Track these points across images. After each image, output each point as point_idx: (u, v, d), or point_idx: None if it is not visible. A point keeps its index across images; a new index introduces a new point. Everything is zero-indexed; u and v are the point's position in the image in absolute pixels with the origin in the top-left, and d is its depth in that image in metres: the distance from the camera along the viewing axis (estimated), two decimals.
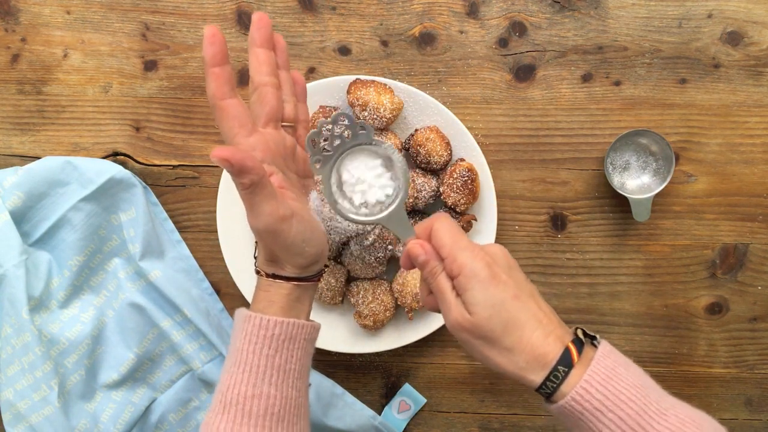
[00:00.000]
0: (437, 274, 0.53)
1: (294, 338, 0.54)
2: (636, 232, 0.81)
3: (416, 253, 0.53)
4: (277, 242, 0.52)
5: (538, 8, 0.80)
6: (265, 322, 0.53)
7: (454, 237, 0.52)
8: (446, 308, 0.52)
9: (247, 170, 0.47)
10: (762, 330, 0.82)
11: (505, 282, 0.51)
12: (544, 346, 0.50)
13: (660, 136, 0.76)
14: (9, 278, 0.73)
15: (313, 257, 0.54)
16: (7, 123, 0.81)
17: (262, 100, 0.54)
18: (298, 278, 0.55)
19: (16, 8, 0.80)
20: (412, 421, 0.83)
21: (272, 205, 0.49)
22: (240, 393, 0.51)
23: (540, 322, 0.51)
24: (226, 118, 0.51)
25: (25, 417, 0.75)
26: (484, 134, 0.80)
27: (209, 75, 0.50)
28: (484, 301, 0.50)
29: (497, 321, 0.50)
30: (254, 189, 0.48)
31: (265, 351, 0.52)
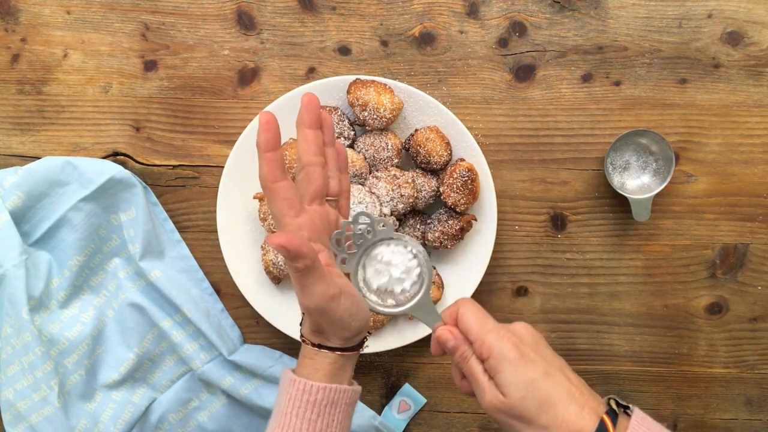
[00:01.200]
0: (468, 359, 0.54)
1: (336, 403, 0.55)
2: (636, 232, 0.81)
3: (445, 339, 0.55)
4: (325, 319, 0.53)
5: (538, 8, 0.80)
6: (309, 387, 0.54)
7: (480, 320, 0.54)
8: (480, 391, 0.53)
9: (302, 255, 0.48)
10: (762, 330, 0.82)
11: (534, 360, 0.52)
12: (579, 421, 0.51)
13: (660, 136, 0.76)
14: (9, 278, 0.73)
15: (358, 330, 0.56)
16: (7, 123, 0.81)
17: (309, 179, 0.56)
18: (343, 348, 0.57)
19: (16, 8, 0.80)
20: (412, 421, 0.83)
21: (323, 287, 0.51)
22: None
23: (573, 396, 0.52)
24: (277, 200, 0.53)
25: (25, 417, 0.75)
26: (484, 134, 0.80)
27: (263, 159, 0.52)
28: (516, 382, 0.51)
29: (531, 400, 0.51)
30: (307, 272, 0.50)
31: (307, 415, 0.54)
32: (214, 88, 0.81)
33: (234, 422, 0.81)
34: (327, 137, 0.58)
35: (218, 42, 0.80)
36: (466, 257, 0.79)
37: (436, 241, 0.76)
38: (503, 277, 0.82)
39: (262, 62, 0.80)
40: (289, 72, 0.80)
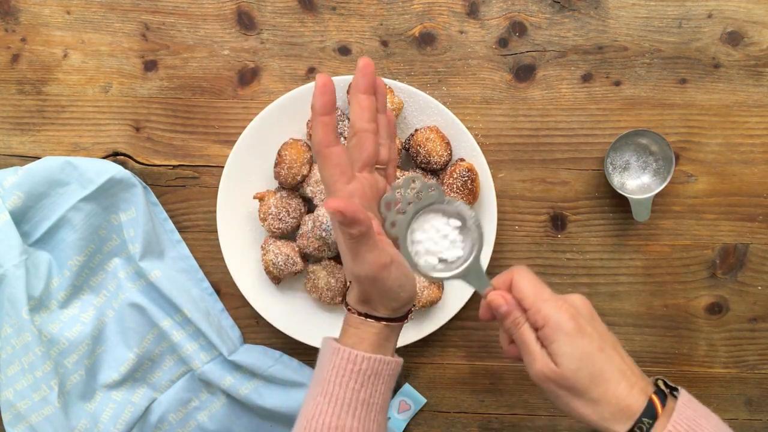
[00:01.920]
0: (520, 325, 0.54)
1: (379, 374, 0.55)
2: (636, 232, 0.81)
3: (498, 304, 0.55)
4: (376, 288, 0.53)
5: (538, 8, 0.80)
6: (354, 356, 0.54)
7: (537, 289, 0.54)
8: (531, 359, 0.53)
9: (358, 222, 0.48)
10: (762, 330, 0.82)
11: (590, 334, 0.52)
12: (629, 398, 0.51)
13: (660, 136, 0.76)
14: (9, 278, 0.73)
15: (406, 300, 0.56)
16: (7, 123, 0.81)
17: (361, 146, 0.55)
18: (389, 319, 0.56)
19: (16, 8, 0.80)
20: (412, 421, 0.83)
21: (375, 254, 0.51)
22: (324, 423, 0.53)
23: (624, 374, 0.52)
24: (330, 165, 0.53)
25: (25, 417, 0.75)
26: (484, 134, 0.80)
27: (317, 123, 0.52)
28: (571, 353, 0.51)
29: (584, 373, 0.51)
30: (361, 239, 0.50)
31: (351, 384, 0.54)
32: (214, 88, 0.81)
33: (234, 422, 0.81)
34: (380, 104, 0.57)
35: (218, 42, 0.80)
36: None
37: None
38: None
39: (262, 62, 0.80)
40: (289, 72, 0.80)
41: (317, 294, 0.77)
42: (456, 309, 0.78)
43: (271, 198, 0.76)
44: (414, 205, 0.55)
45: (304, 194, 0.78)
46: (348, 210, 0.47)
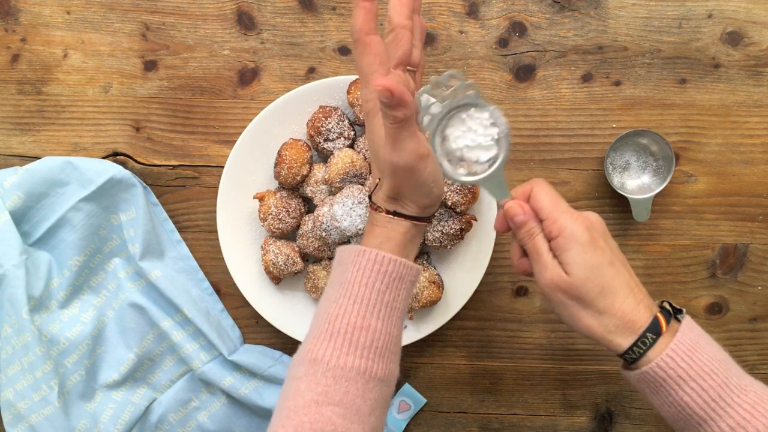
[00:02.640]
0: (535, 235, 0.55)
1: (403, 278, 0.55)
2: (636, 232, 0.81)
3: (515, 212, 0.55)
4: (411, 180, 0.53)
5: (538, 8, 0.80)
6: (381, 257, 0.53)
7: (554, 200, 0.55)
8: (542, 267, 0.54)
9: (403, 104, 0.47)
10: (762, 330, 0.82)
11: (603, 248, 0.54)
12: (635, 313, 0.53)
13: (660, 136, 0.76)
14: (9, 278, 0.73)
15: (436, 199, 0.56)
16: (7, 123, 0.81)
17: (398, 42, 0.54)
18: (417, 217, 0.56)
19: (16, 8, 0.80)
20: (412, 421, 0.83)
21: (415, 143, 0.50)
22: (349, 323, 0.52)
23: (632, 290, 0.54)
24: (369, 54, 0.51)
25: (25, 417, 0.75)
26: None
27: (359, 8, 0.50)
28: (582, 263, 0.52)
29: (594, 284, 0.52)
30: (403, 124, 0.49)
31: (377, 286, 0.53)
32: (214, 88, 0.81)
33: (234, 422, 0.81)
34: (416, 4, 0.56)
35: (218, 42, 0.80)
36: (466, 257, 0.79)
37: (436, 241, 0.76)
38: (503, 277, 0.82)
39: (262, 62, 0.80)
40: (289, 72, 0.80)
41: (317, 294, 0.77)
42: (456, 309, 0.78)
43: (271, 198, 0.76)
44: (449, 102, 0.54)
45: (304, 194, 0.78)
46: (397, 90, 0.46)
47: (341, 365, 0.51)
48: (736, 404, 0.50)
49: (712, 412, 0.50)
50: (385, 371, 0.53)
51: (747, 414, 0.50)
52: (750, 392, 0.51)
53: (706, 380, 0.50)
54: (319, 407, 0.50)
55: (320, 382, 0.50)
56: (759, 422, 0.49)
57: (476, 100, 0.54)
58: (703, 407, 0.50)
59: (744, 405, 0.50)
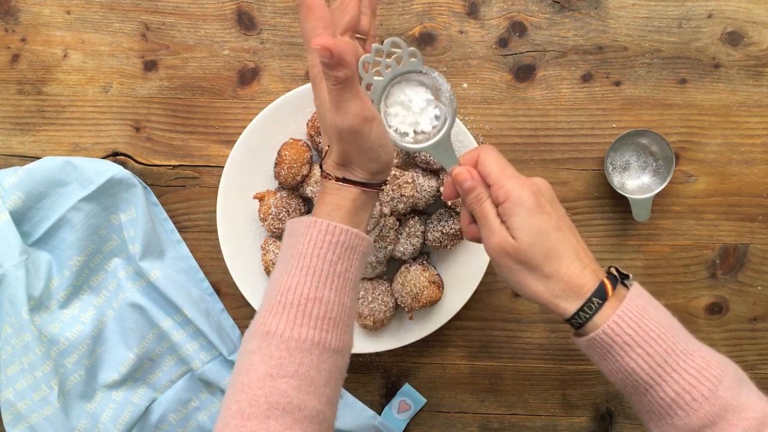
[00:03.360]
0: (482, 200, 0.55)
1: (355, 248, 0.54)
2: (636, 232, 0.81)
3: (463, 178, 0.55)
4: (357, 143, 0.52)
5: (538, 8, 0.80)
6: (332, 228, 0.53)
7: (501, 166, 0.55)
8: (489, 232, 0.54)
9: (344, 63, 0.47)
10: (762, 330, 0.82)
11: (549, 213, 0.53)
12: (581, 278, 0.52)
13: (660, 136, 0.76)
14: (9, 278, 0.73)
15: (385, 164, 0.55)
16: (7, 123, 0.81)
17: (345, 7, 0.54)
18: (367, 184, 0.56)
19: (16, 8, 0.80)
20: (412, 421, 0.83)
21: (359, 105, 0.50)
22: (302, 294, 0.52)
23: (578, 255, 0.53)
24: (312, 18, 0.52)
25: (25, 417, 0.75)
26: (484, 134, 0.80)
27: None
28: (528, 228, 0.52)
29: (539, 248, 0.52)
30: (345, 85, 0.48)
31: (329, 256, 0.53)
32: (214, 88, 0.81)
33: None
34: None
35: (218, 42, 0.80)
36: (466, 257, 0.78)
37: (436, 241, 0.76)
38: None
39: (262, 62, 0.80)
40: (289, 72, 0.80)
41: None
42: (456, 309, 0.78)
43: (271, 198, 0.76)
44: (392, 70, 0.54)
45: (304, 194, 0.78)
46: (336, 49, 0.46)
47: (295, 337, 0.51)
48: (682, 369, 0.50)
49: (658, 377, 0.50)
50: (339, 342, 0.53)
51: (692, 379, 0.49)
52: (697, 357, 0.50)
53: (652, 346, 0.50)
54: (274, 380, 0.49)
55: (274, 354, 0.50)
56: (704, 387, 0.49)
57: (420, 67, 0.54)
58: (649, 372, 0.50)
59: (690, 370, 0.50)
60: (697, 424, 0.49)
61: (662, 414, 0.51)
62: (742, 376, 0.52)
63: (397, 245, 0.76)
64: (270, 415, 0.48)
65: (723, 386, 0.49)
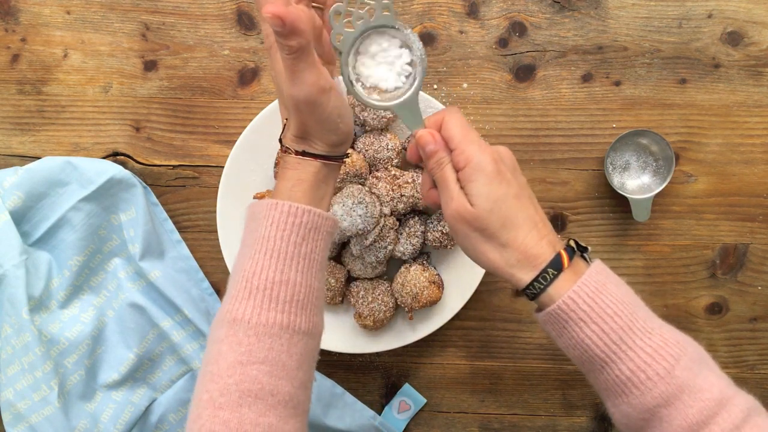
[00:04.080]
0: (444, 165, 0.54)
1: (319, 228, 0.53)
2: (636, 232, 0.81)
3: (426, 141, 0.54)
4: (314, 115, 0.51)
5: (538, 8, 0.80)
6: (294, 209, 0.52)
7: (465, 130, 0.53)
8: (448, 197, 0.53)
9: (297, 32, 0.46)
10: (762, 330, 0.82)
11: (509, 181, 0.52)
12: (537, 248, 0.52)
13: (660, 136, 0.76)
14: (9, 278, 0.73)
15: (345, 135, 0.55)
16: (7, 123, 0.81)
17: None
18: (327, 156, 0.55)
19: (16, 8, 0.80)
20: (412, 421, 0.83)
21: (315, 74, 0.49)
22: (267, 278, 0.51)
23: (536, 225, 0.52)
24: None
25: (25, 417, 0.75)
26: (484, 134, 0.80)
27: None
28: (487, 194, 0.51)
29: (497, 216, 0.51)
30: (300, 55, 0.48)
31: (293, 238, 0.52)
32: (214, 88, 0.81)
33: None
34: None
35: (218, 42, 0.80)
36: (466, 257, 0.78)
37: (436, 241, 0.76)
38: None
39: (262, 62, 0.80)
40: None
41: None
42: (456, 309, 0.78)
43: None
44: (364, 22, 0.53)
45: None
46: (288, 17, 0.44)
47: (263, 322, 0.50)
48: (638, 347, 0.49)
49: (613, 354, 0.50)
50: (309, 324, 0.52)
51: (648, 357, 0.49)
52: (655, 335, 0.50)
53: (608, 322, 0.49)
54: (244, 367, 0.49)
55: (242, 341, 0.49)
56: (659, 365, 0.48)
57: (392, 22, 0.53)
58: (604, 350, 0.50)
59: (646, 348, 0.49)
60: (651, 403, 0.49)
61: (618, 392, 0.50)
62: (702, 357, 0.51)
63: (397, 245, 0.76)
64: (242, 403, 0.48)
65: (680, 366, 0.48)
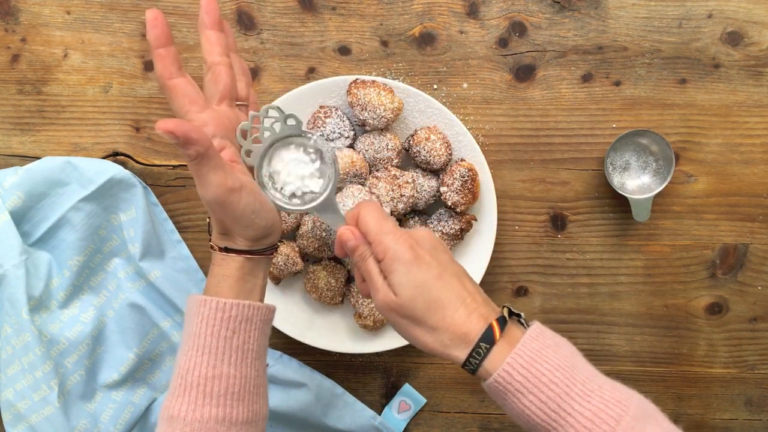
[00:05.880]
0: (366, 258, 0.55)
1: (250, 319, 0.55)
2: (636, 232, 0.81)
3: (346, 238, 0.56)
4: (227, 213, 0.53)
5: (538, 8, 0.80)
6: (222, 304, 0.53)
7: (379, 222, 0.55)
8: (374, 290, 0.54)
9: (192, 141, 0.48)
10: (762, 330, 0.82)
11: (429, 263, 0.53)
12: (467, 324, 0.52)
13: (660, 136, 0.76)
14: (9, 278, 0.73)
15: (264, 230, 0.55)
16: (7, 123, 0.81)
17: (216, 78, 0.56)
18: (250, 251, 0.56)
19: (16, 8, 0.80)
20: (412, 421, 0.83)
21: (220, 177, 0.50)
22: (200, 375, 0.52)
23: (464, 301, 0.53)
24: (177, 96, 0.53)
25: (25, 417, 0.75)
26: (484, 134, 0.81)
27: (155, 56, 0.52)
28: (407, 282, 0.52)
29: (421, 301, 0.52)
30: (201, 160, 0.49)
31: (223, 333, 0.53)
32: None
33: None
34: (230, 41, 0.58)
35: None
36: (466, 257, 0.79)
37: None
38: (503, 277, 0.82)
39: (262, 62, 0.80)
40: (289, 72, 0.80)
41: (317, 294, 0.77)
42: None
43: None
44: (271, 135, 0.55)
45: None
46: (179, 130, 0.46)
47: (197, 418, 0.51)
48: (577, 413, 0.49)
49: (554, 422, 0.49)
50: (248, 413, 0.53)
51: (588, 422, 0.48)
52: (594, 398, 0.49)
53: (544, 391, 0.49)
54: None
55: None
56: (600, 429, 0.48)
57: (298, 130, 0.55)
58: (545, 419, 0.50)
59: (585, 413, 0.49)
60: None
61: None
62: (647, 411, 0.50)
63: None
64: None
65: (622, 426, 0.48)
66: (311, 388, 0.79)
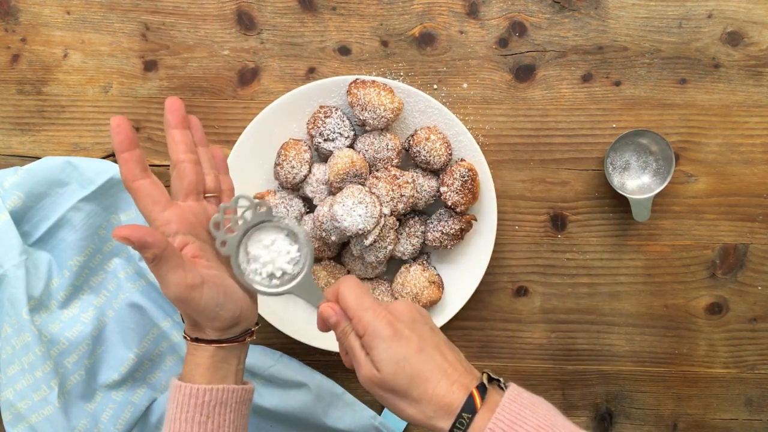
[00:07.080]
0: (348, 334, 0.56)
1: (224, 402, 0.56)
2: (636, 232, 0.81)
3: (327, 315, 0.57)
4: (191, 308, 0.54)
5: (538, 8, 0.80)
6: (195, 390, 0.55)
7: (358, 298, 0.56)
8: (358, 365, 0.56)
9: (148, 245, 0.49)
10: (762, 330, 0.82)
11: (408, 337, 0.54)
12: (449, 395, 0.53)
13: (660, 136, 0.76)
14: (9, 278, 0.73)
15: (230, 321, 0.57)
16: (7, 123, 0.81)
17: (182, 175, 0.58)
18: (220, 340, 0.57)
19: (16, 8, 0.80)
20: None
21: (179, 275, 0.52)
22: None
23: (445, 372, 0.54)
24: (140, 197, 0.55)
25: (25, 417, 0.75)
26: (484, 134, 0.81)
27: (120, 160, 0.54)
28: (388, 358, 0.53)
29: (402, 376, 0.53)
30: (158, 261, 0.51)
31: (197, 418, 0.55)
32: (214, 88, 0.81)
33: None
34: (197, 137, 0.60)
35: (218, 42, 0.80)
36: (466, 257, 0.79)
37: (436, 241, 0.76)
38: (503, 277, 0.82)
39: (262, 62, 0.80)
40: (289, 72, 0.80)
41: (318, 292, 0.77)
42: (456, 309, 0.78)
43: (271, 198, 0.76)
44: (244, 224, 0.57)
45: (304, 194, 0.78)
46: (133, 235, 0.49)
47: None
48: None
49: None
50: None
51: None
52: None
53: None
54: None
55: None
56: None
57: (269, 216, 0.57)
58: None
59: None
60: None
61: None
62: None
63: (397, 245, 0.76)
64: None
65: None
66: (311, 388, 0.79)
